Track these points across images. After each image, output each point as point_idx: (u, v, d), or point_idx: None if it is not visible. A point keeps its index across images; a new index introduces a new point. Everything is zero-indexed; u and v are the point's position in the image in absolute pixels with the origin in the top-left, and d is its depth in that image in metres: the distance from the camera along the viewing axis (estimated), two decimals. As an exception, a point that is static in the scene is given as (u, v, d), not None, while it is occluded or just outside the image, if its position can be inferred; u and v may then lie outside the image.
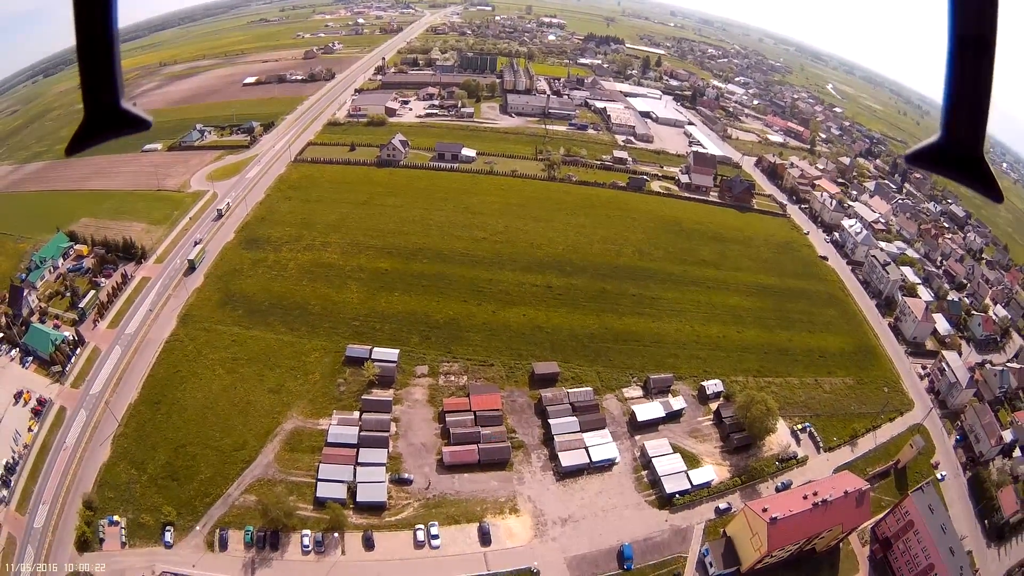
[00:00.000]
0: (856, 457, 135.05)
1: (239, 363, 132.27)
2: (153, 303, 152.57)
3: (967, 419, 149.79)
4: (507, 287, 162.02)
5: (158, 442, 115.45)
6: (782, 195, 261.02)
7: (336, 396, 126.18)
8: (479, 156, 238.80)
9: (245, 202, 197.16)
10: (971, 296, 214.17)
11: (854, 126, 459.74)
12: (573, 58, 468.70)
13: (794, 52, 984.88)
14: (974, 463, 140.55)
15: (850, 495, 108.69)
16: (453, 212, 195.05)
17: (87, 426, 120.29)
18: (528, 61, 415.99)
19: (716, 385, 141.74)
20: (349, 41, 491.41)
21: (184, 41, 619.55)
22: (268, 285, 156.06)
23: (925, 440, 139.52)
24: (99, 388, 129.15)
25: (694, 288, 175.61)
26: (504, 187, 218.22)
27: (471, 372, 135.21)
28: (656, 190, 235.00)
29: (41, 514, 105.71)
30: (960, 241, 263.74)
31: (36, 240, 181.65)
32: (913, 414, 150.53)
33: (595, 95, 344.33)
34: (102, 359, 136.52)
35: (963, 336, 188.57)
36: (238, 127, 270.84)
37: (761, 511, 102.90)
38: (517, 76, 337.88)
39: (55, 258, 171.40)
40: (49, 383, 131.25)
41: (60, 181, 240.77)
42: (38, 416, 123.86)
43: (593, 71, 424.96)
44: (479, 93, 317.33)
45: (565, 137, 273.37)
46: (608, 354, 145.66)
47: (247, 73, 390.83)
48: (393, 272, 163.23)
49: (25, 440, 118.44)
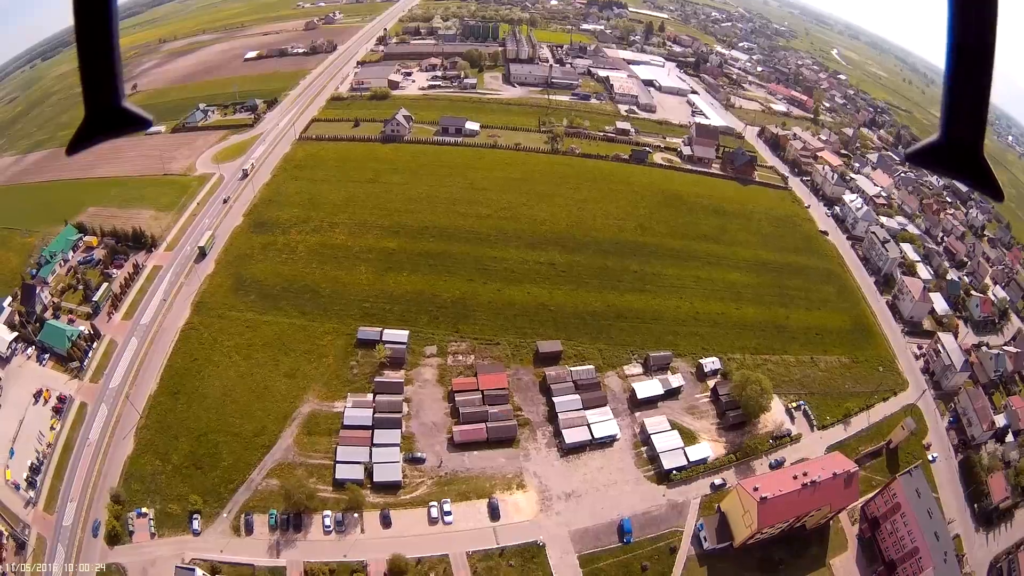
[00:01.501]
0: (849, 436, 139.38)
1: (254, 349, 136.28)
2: (166, 292, 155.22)
3: (960, 402, 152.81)
4: (512, 264, 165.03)
5: (180, 432, 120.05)
6: (784, 167, 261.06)
7: (349, 378, 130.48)
8: (483, 129, 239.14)
9: (252, 184, 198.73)
10: (971, 275, 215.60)
11: (858, 94, 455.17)
12: (576, 24, 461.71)
13: (799, 15, 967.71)
14: (966, 446, 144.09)
15: (839, 476, 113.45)
16: (458, 188, 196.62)
17: (109, 420, 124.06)
18: (531, 28, 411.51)
19: (714, 363, 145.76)
20: (350, 10, 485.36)
21: (182, 15, 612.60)
22: (279, 269, 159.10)
23: (918, 421, 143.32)
24: (118, 381, 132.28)
25: (694, 263, 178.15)
26: (508, 161, 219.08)
27: (478, 351, 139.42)
28: (659, 162, 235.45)
29: (69, 512, 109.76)
30: (962, 217, 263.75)
31: (44, 233, 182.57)
32: (907, 394, 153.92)
33: (598, 63, 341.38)
34: (119, 352, 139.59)
35: (961, 316, 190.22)
36: (241, 105, 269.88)
37: (752, 490, 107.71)
38: (520, 45, 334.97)
39: (65, 251, 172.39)
40: (68, 379, 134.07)
41: (64, 170, 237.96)
42: (59, 414, 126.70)
43: (596, 37, 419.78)
44: (482, 63, 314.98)
45: (568, 107, 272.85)
46: (610, 331, 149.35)
47: (248, 47, 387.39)
48: (400, 251, 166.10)
49: (48, 439, 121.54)
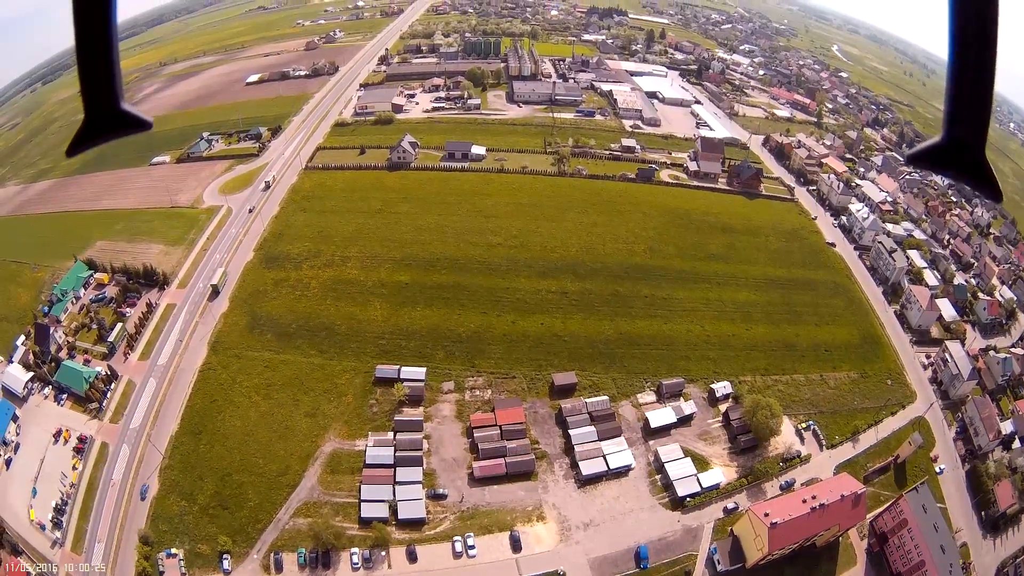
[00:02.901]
0: (857, 453, 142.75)
1: (273, 389, 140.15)
2: (181, 331, 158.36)
3: (968, 411, 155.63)
4: (524, 295, 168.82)
5: (204, 472, 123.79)
6: (790, 177, 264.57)
7: (369, 417, 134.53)
8: (489, 153, 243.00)
9: (261, 217, 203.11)
10: (977, 276, 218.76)
11: (860, 92, 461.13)
12: (577, 35, 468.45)
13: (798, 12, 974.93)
14: (973, 456, 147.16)
15: (847, 498, 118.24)
16: (467, 216, 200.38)
17: (132, 461, 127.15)
18: (532, 41, 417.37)
19: (725, 387, 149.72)
20: (350, 27, 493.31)
21: (183, 36, 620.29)
22: (293, 306, 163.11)
23: (925, 433, 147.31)
24: (139, 422, 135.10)
25: (704, 285, 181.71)
26: (515, 186, 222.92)
27: (495, 385, 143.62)
28: (665, 180, 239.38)
29: (98, 553, 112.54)
30: (967, 217, 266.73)
31: (54, 268, 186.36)
32: (915, 406, 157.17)
33: (601, 76, 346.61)
34: (138, 392, 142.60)
35: (968, 320, 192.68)
36: (245, 133, 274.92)
37: (763, 515, 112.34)
38: (522, 61, 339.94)
39: (76, 289, 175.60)
40: (87, 420, 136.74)
41: (70, 201, 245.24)
42: (80, 454, 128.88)
43: (598, 48, 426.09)
44: (485, 81, 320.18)
45: (573, 126, 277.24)
46: (623, 359, 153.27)
47: (249, 69, 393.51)
48: (413, 285, 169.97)
49: (71, 479, 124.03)
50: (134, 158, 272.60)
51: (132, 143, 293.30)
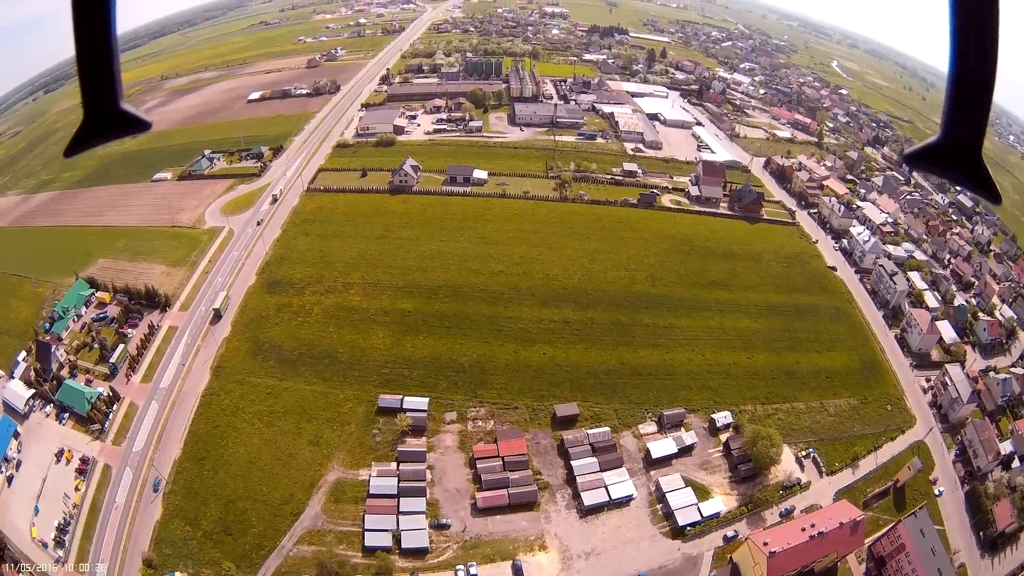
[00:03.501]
0: (857, 479, 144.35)
1: (276, 416, 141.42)
2: (184, 355, 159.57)
3: (967, 434, 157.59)
4: (526, 324, 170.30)
5: (208, 498, 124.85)
6: (791, 200, 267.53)
7: (373, 446, 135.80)
8: (491, 177, 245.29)
9: (263, 240, 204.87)
10: (978, 296, 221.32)
11: (861, 109, 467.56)
12: (578, 54, 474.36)
13: (798, 28, 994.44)
14: (972, 477, 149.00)
15: (845, 525, 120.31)
16: (469, 243, 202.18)
17: (135, 484, 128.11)
18: (533, 61, 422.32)
19: (726, 417, 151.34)
20: (351, 44, 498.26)
21: (184, 49, 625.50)
22: (295, 332, 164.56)
23: (925, 457, 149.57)
24: (141, 445, 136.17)
25: (705, 313, 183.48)
26: (517, 211, 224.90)
27: (497, 416, 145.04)
28: (667, 205, 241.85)
29: (100, 573, 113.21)
30: (968, 235, 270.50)
31: (54, 284, 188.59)
32: (915, 431, 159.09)
33: (602, 98, 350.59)
34: (140, 415, 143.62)
35: (969, 342, 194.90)
36: (247, 152, 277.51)
37: (762, 544, 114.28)
38: (523, 83, 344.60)
39: (78, 307, 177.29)
40: (89, 440, 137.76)
41: (71, 215, 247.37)
42: (83, 475, 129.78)
43: (599, 68, 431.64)
44: (486, 103, 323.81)
45: (574, 149, 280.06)
46: (624, 389, 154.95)
47: (250, 86, 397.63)
48: (416, 313, 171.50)
49: (74, 500, 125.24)
50: (135, 174, 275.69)
51: (134, 159, 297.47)
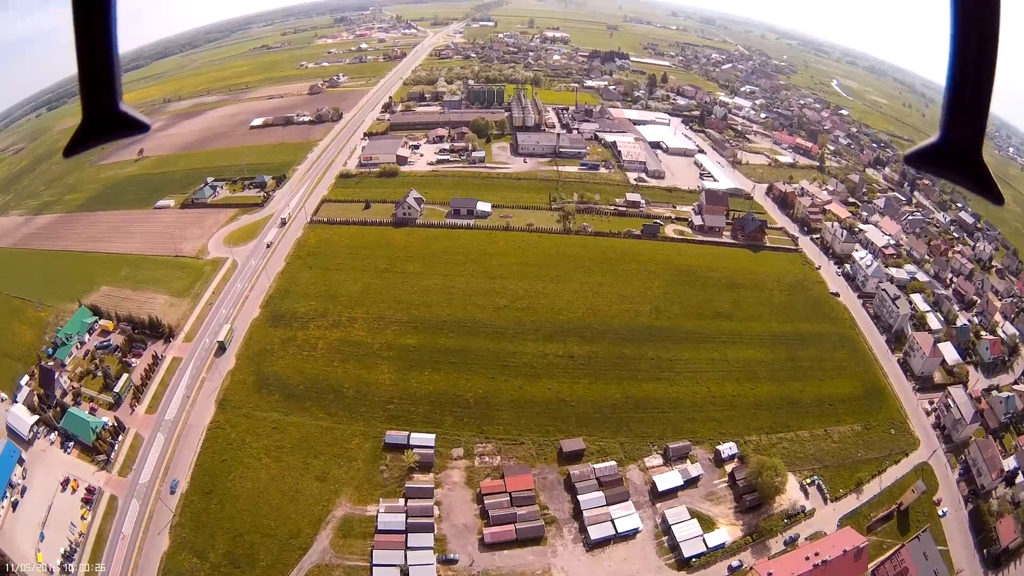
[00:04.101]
0: (861, 504, 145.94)
1: (283, 451, 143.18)
2: (188, 387, 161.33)
3: (971, 453, 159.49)
4: (531, 359, 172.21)
5: (215, 531, 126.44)
6: (793, 226, 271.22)
7: (380, 482, 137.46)
8: (494, 209, 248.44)
9: (266, 273, 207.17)
10: (980, 314, 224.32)
11: (861, 131, 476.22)
12: (580, 80, 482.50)
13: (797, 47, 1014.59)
14: (976, 496, 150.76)
15: (849, 552, 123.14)
16: (473, 277, 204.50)
17: (142, 515, 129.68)
18: (535, 87, 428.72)
19: (731, 448, 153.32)
20: (353, 70, 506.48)
21: (187, 71, 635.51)
22: (300, 366, 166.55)
23: (928, 478, 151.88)
24: (148, 477, 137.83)
25: (709, 344, 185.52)
26: (521, 244, 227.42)
27: (504, 452, 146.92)
28: (670, 235, 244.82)
29: None
30: (969, 252, 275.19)
31: (57, 309, 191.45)
32: (918, 453, 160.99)
33: (604, 127, 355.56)
34: (145, 446, 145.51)
35: (971, 362, 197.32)
36: (250, 181, 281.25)
37: (766, 574, 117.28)
38: (526, 111, 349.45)
39: (81, 334, 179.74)
40: (95, 470, 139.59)
41: (74, 239, 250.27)
42: (89, 504, 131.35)
43: (600, 95, 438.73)
44: (489, 132, 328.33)
45: (577, 180, 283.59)
46: (630, 423, 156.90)
47: (253, 112, 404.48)
48: (421, 348, 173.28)
49: (80, 528, 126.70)
50: (138, 200, 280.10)
51: (137, 184, 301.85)
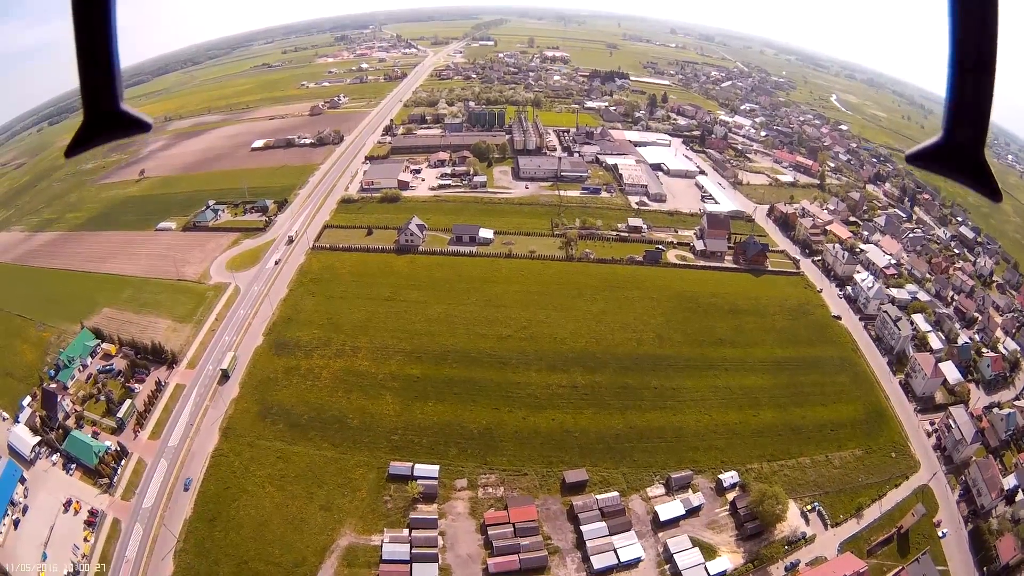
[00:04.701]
0: (862, 528, 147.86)
1: (287, 480, 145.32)
2: (192, 414, 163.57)
3: (971, 473, 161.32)
4: (535, 390, 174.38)
5: (220, 558, 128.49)
6: (795, 248, 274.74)
7: (384, 513, 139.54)
8: (496, 236, 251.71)
9: (269, 299, 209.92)
10: (981, 331, 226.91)
11: (861, 146, 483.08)
12: (580, 101, 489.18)
13: (796, 62, 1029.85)
14: (976, 515, 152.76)
15: None
16: (476, 306, 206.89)
17: (145, 540, 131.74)
18: (536, 109, 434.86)
19: (732, 477, 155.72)
20: (354, 91, 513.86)
21: (188, 89, 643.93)
22: (304, 396, 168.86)
23: (929, 499, 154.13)
24: (151, 502, 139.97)
25: (712, 372, 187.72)
26: (524, 272, 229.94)
27: (507, 483, 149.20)
28: (672, 261, 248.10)
29: None
30: (970, 268, 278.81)
31: (59, 330, 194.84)
32: (919, 476, 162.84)
33: (605, 149, 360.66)
34: (149, 472, 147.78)
35: (972, 380, 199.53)
36: (252, 205, 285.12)
37: None
38: (527, 135, 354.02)
39: (83, 357, 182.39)
40: (97, 493, 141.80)
41: (75, 258, 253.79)
42: (92, 527, 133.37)
43: (601, 116, 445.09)
44: (490, 156, 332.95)
45: (579, 204, 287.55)
46: (632, 453, 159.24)
47: (254, 133, 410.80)
48: (425, 379, 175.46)
49: (83, 550, 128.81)
50: (139, 221, 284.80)
51: (138, 205, 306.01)
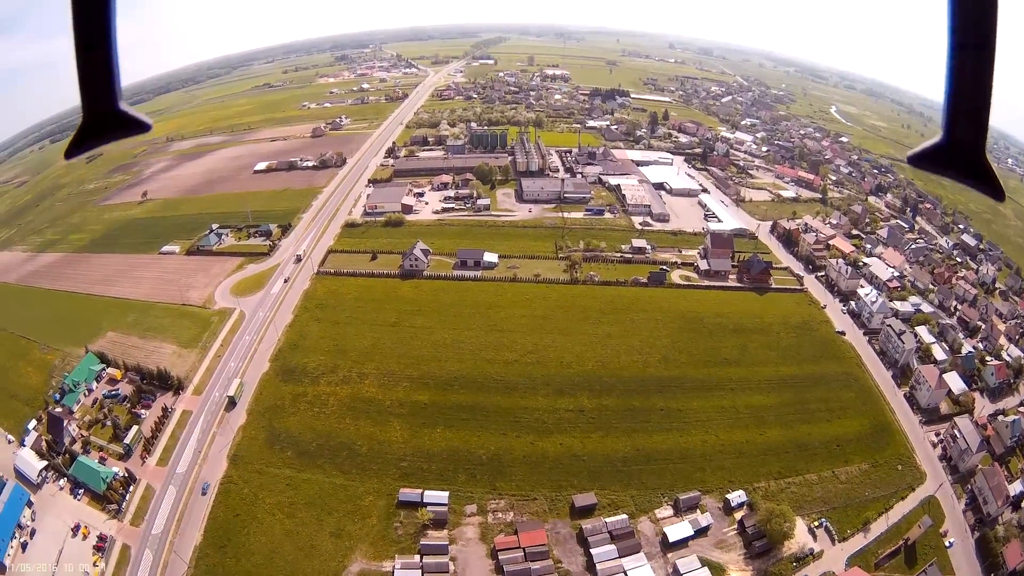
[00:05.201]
0: (869, 542, 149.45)
1: (297, 508, 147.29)
2: (199, 441, 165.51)
3: (977, 482, 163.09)
4: (542, 414, 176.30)
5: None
6: (798, 265, 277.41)
7: (395, 539, 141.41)
8: (501, 260, 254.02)
9: (274, 325, 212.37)
10: (985, 339, 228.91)
11: (862, 158, 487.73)
12: (581, 120, 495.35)
13: (795, 74, 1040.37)
14: (982, 523, 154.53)
15: None
16: (482, 331, 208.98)
17: (155, 567, 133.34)
18: (537, 129, 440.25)
19: (740, 496, 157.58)
20: (355, 112, 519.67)
21: (189, 109, 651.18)
22: (312, 423, 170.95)
23: (935, 510, 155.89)
24: (160, 529, 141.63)
25: (718, 392, 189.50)
26: (529, 296, 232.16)
27: (516, 508, 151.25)
28: (677, 281, 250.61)
29: None
30: (973, 277, 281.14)
31: (63, 353, 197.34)
32: (925, 487, 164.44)
33: (608, 169, 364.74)
34: (157, 498, 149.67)
35: (977, 388, 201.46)
36: (255, 229, 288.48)
37: None
38: (529, 156, 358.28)
39: (88, 381, 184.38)
40: (106, 519, 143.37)
41: (79, 281, 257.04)
42: (101, 552, 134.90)
43: (603, 135, 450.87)
44: (493, 178, 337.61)
45: (583, 226, 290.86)
46: (640, 476, 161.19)
47: (256, 155, 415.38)
48: (432, 405, 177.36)
49: (93, 575, 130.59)
50: (142, 244, 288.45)
51: (141, 227, 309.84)
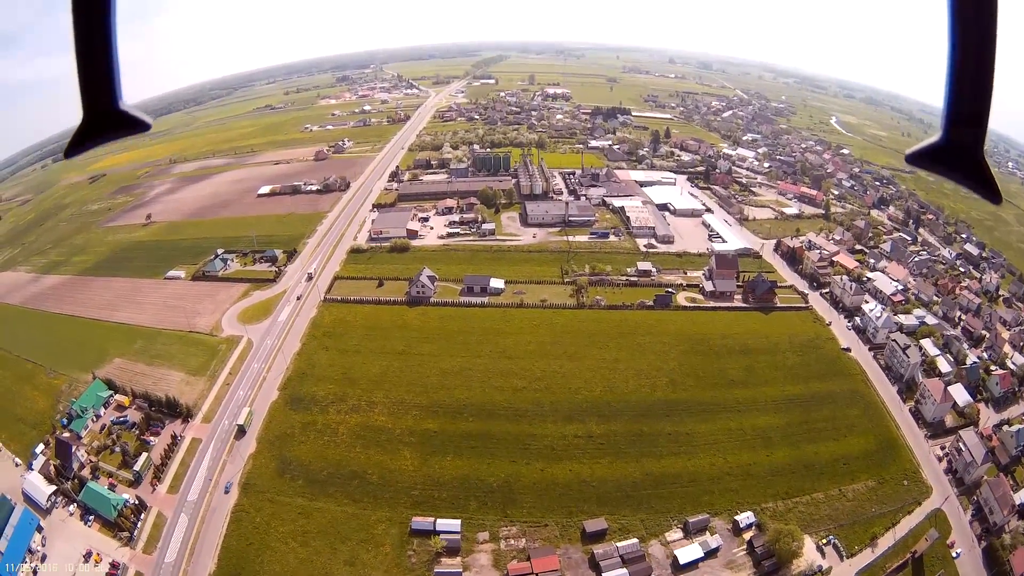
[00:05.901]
0: (876, 557, 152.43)
1: (310, 536, 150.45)
2: (209, 469, 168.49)
3: (982, 493, 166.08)
4: (551, 441, 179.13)
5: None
6: (803, 282, 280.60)
7: (409, 567, 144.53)
8: (507, 285, 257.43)
9: (283, 353, 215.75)
10: (989, 349, 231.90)
11: (863, 170, 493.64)
12: (584, 141, 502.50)
13: (794, 85, 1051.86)
14: (988, 533, 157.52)
15: None
16: (490, 358, 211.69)
17: None
18: (540, 150, 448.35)
19: (749, 517, 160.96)
20: (358, 134, 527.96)
21: (191, 130, 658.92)
22: (323, 452, 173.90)
23: (942, 522, 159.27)
24: (173, 557, 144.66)
25: (725, 414, 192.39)
26: (536, 321, 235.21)
27: (528, 534, 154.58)
28: (683, 303, 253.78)
29: None
30: (976, 286, 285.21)
31: (70, 378, 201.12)
32: (931, 500, 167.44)
33: (611, 191, 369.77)
34: (169, 526, 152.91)
35: (981, 399, 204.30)
36: (261, 255, 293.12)
37: None
38: (533, 179, 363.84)
39: (96, 407, 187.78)
40: (118, 546, 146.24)
41: (85, 305, 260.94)
42: None
43: (605, 155, 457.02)
44: (497, 202, 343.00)
45: (588, 250, 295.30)
46: (650, 500, 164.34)
47: (260, 178, 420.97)
48: (442, 433, 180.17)
49: None
50: (147, 268, 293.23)
51: (146, 251, 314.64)
